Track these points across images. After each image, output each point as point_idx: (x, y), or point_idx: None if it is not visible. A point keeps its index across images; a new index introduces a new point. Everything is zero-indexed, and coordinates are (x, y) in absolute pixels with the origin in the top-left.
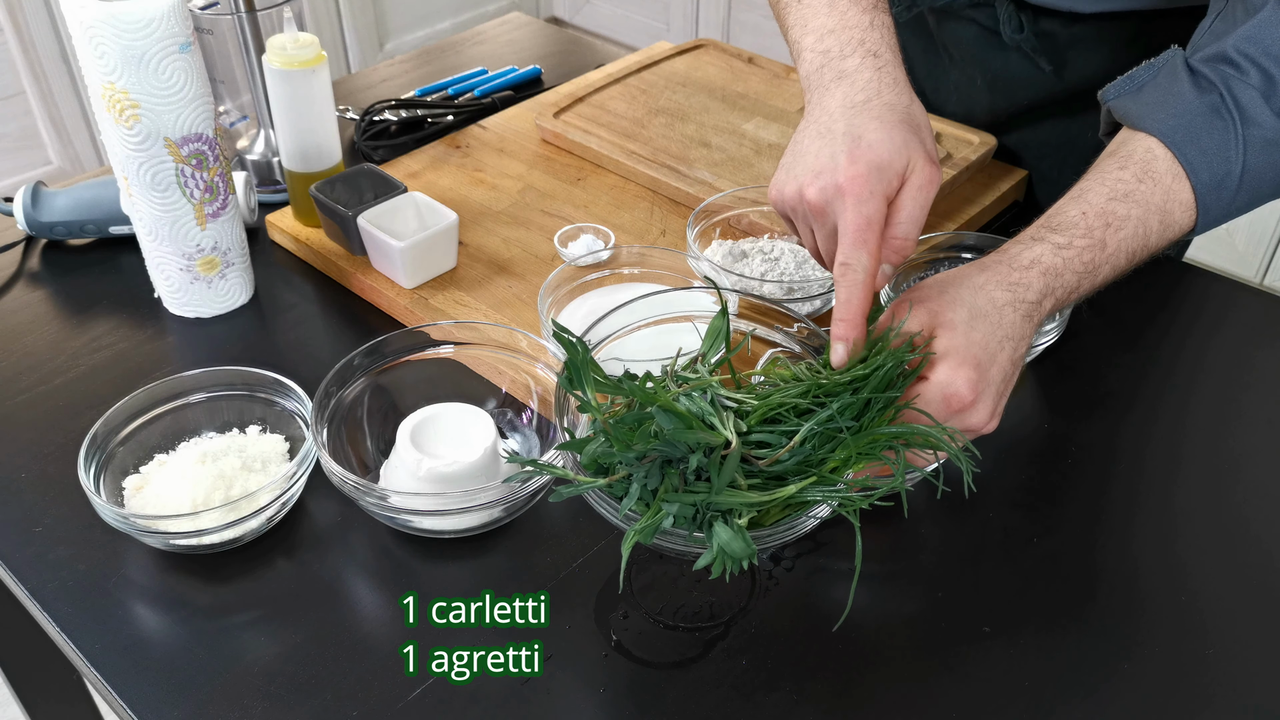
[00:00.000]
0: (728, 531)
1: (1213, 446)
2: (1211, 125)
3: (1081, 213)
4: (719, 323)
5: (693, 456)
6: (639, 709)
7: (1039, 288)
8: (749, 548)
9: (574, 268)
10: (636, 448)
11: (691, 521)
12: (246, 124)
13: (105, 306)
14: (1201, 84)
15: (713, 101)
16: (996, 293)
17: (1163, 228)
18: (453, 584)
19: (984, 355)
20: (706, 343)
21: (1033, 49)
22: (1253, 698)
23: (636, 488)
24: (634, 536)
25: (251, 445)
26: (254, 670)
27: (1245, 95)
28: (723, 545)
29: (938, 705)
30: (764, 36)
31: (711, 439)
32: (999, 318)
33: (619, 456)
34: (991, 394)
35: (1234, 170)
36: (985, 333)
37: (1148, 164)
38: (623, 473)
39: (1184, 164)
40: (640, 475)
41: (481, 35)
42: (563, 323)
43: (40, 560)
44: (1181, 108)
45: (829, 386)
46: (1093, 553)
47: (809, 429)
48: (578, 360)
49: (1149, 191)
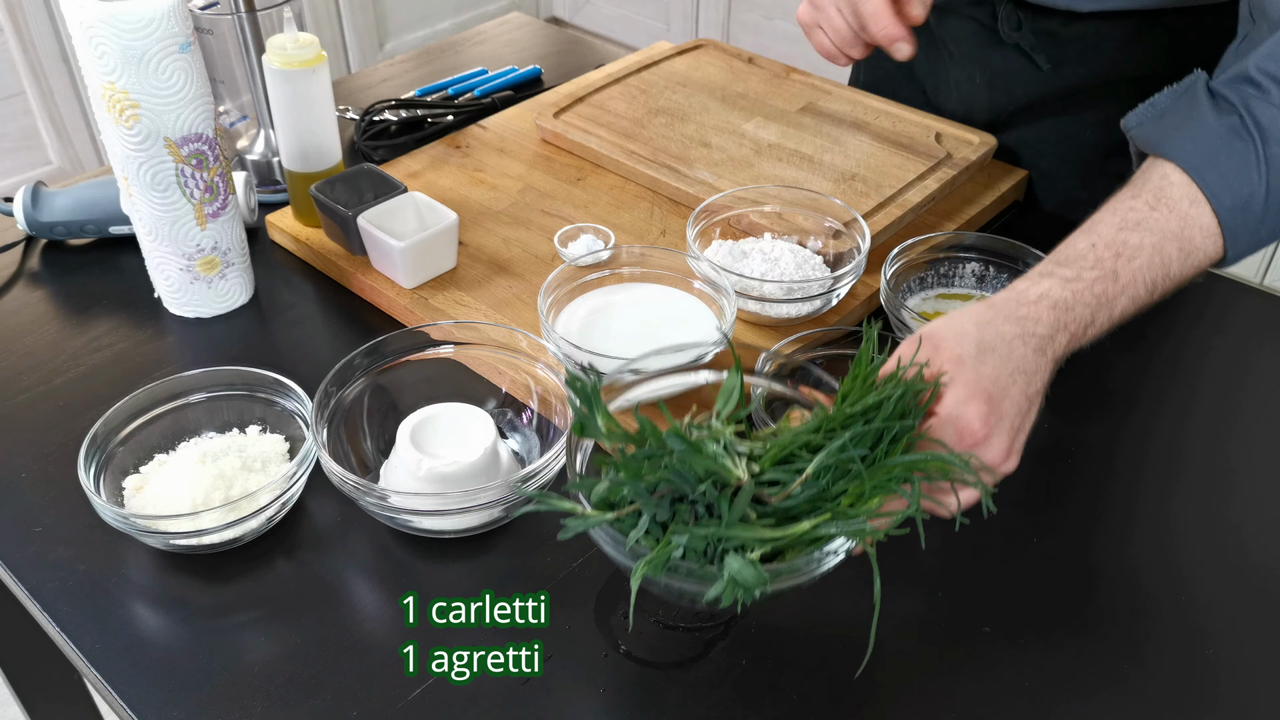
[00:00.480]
0: (739, 560)
1: (1213, 447)
2: (1231, 147)
3: (1091, 244)
4: (733, 380)
5: (702, 485)
6: (639, 709)
7: (1049, 321)
8: (760, 576)
9: (574, 268)
10: (648, 479)
11: (702, 555)
12: (246, 124)
13: (105, 306)
14: (1221, 106)
15: (713, 101)
16: (1005, 326)
17: (1184, 255)
18: (453, 584)
19: (995, 388)
20: (721, 400)
21: (1031, 47)
22: (1253, 698)
23: (646, 518)
24: (643, 568)
25: (251, 445)
26: (254, 670)
27: (1266, 114)
28: (734, 574)
29: (938, 705)
30: (764, 36)
31: (723, 472)
32: (1008, 351)
33: (630, 489)
34: (1005, 428)
35: (1258, 192)
36: (995, 366)
37: (1162, 190)
38: (632, 506)
39: (1203, 188)
40: (650, 507)
41: (481, 35)
42: (563, 323)
43: (40, 560)
44: (1200, 131)
45: (841, 420)
46: (1093, 553)
47: (820, 460)
48: (590, 406)
49: (1163, 219)
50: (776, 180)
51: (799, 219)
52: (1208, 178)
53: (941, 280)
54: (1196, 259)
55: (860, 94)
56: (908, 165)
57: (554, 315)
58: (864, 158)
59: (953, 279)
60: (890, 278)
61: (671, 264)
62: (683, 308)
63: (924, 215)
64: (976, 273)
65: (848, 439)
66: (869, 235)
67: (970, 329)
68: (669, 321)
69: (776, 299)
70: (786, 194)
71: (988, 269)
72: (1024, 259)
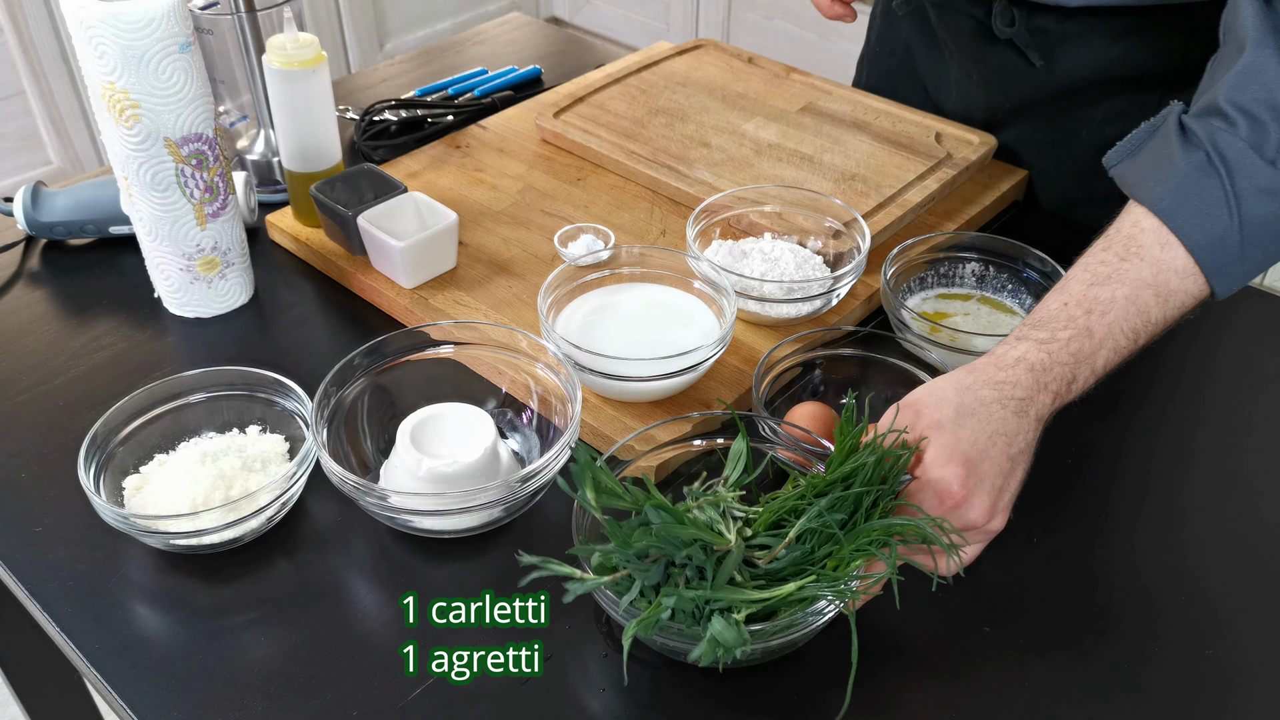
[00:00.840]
0: (722, 622)
1: (1216, 447)
2: (1200, 185)
3: (1063, 304)
4: (740, 445)
5: (687, 550)
6: (639, 709)
7: (1027, 384)
8: (741, 637)
9: (574, 267)
10: (637, 545)
11: (690, 617)
12: (246, 124)
13: (105, 306)
14: (1190, 141)
15: (713, 101)
16: (983, 391)
17: (1162, 300)
18: (453, 584)
19: (973, 451)
20: (729, 466)
21: (1024, 43)
22: (1253, 698)
23: (637, 584)
24: (634, 629)
25: (251, 445)
26: (254, 670)
27: (1233, 148)
28: (715, 634)
29: (937, 705)
30: (764, 36)
31: (709, 538)
32: (987, 414)
33: (619, 556)
34: (985, 489)
35: (1231, 227)
36: (974, 429)
37: (1132, 238)
38: (625, 571)
39: (1174, 230)
40: (640, 573)
41: (481, 35)
42: (563, 322)
43: (40, 560)
44: (1170, 171)
45: (821, 486)
46: (1093, 552)
47: (801, 526)
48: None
49: (1134, 268)
50: (776, 180)
51: (799, 219)
52: (1177, 219)
53: (941, 280)
54: (1178, 300)
55: (860, 94)
56: (908, 165)
57: (554, 315)
58: (864, 158)
59: (953, 279)
60: (890, 278)
61: (671, 264)
62: (683, 308)
63: (924, 215)
64: (976, 273)
65: (824, 505)
66: (869, 235)
67: (950, 394)
68: (669, 321)
69: (776, 299)
70: (786, 194)
71: (988, 269)
72: (1024, 259)
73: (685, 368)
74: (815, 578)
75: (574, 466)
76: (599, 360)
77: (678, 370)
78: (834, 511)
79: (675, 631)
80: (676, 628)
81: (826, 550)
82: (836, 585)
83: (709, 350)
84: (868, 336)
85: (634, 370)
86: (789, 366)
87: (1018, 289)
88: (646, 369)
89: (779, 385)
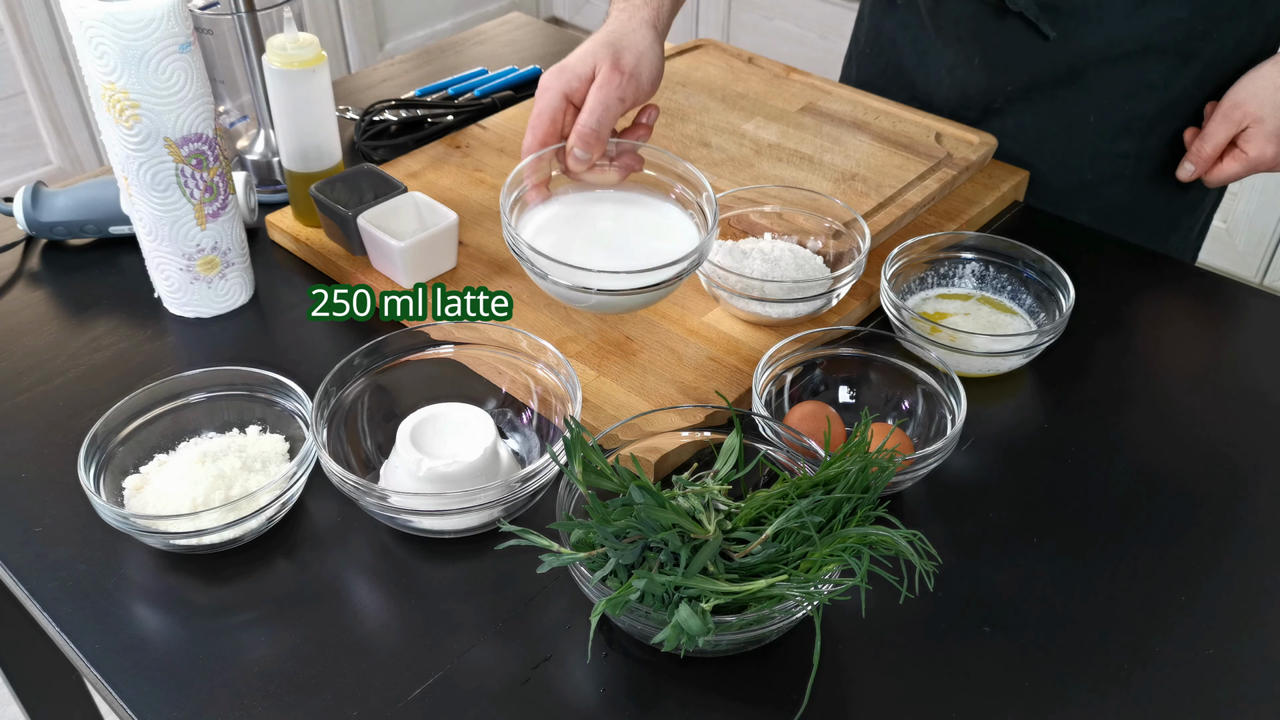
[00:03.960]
0: (688, 610)
1: (1215, 446)
2: None
3: None
4: (733, 441)
5: (664, 534)
6: (639, 709)
7: None
8: (705, 626)
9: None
10: (616, 525)
11: (660, 601)
12: (246, 124)
13: (105, 306)
14: None
15: (713, 101)
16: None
17: None
18: (453, 584)
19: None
20: (721, 460)
21: (1036, 16)
22: (1253, 699)
23: (611, 563)
24: (603, 607)
25: (251, 445)
26: (254, 670)
27: None
28: (680, 621)
29: (937, 705)
30: (764, 36)
31: (688, 525)
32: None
33: (598, 533)
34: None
35: None
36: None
37: None
38: (601, 549)
39: None
40: (615, 551)
41: (481, 35)
42: (526, 226)
43: (40, 560)
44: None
45: (804, 488)
46: (1092, 552)
47: (779, 524)
48: (577, 448)
49: None
50: (776, 180)
51: (799, 219)
52: None
53: (941, 280)
54: None
55: (860, 94)
56: (908, 165)
57: (518, 214)
58: (864, 158)
59: (953, 279)
60: (890, 278)
61: (649, 168)
62: (659, 217)
63: (924, 215)
64: (976, 273)
65: (804, 506)
66: (869, 235)
67: (1268, 94)
68: (645, 231)
69: (777, 299)
70: (786, 194)
71: (988, 269)
72: (1024, 259)
73: (662, 281)
74: (786, 577)
75: (565, 439)
76: (565, 271)
77: (655, 284)
78: (813, 514)
79: (642, 614)
80: (644, 610)
81: (801, 551)
82: (806, 587)
83: (685, 263)
84: (868, 336)
85: (607, 283)
86: (789, 366)
87: (1018, 289)
88: (620, 282)
89: (779, 385)
